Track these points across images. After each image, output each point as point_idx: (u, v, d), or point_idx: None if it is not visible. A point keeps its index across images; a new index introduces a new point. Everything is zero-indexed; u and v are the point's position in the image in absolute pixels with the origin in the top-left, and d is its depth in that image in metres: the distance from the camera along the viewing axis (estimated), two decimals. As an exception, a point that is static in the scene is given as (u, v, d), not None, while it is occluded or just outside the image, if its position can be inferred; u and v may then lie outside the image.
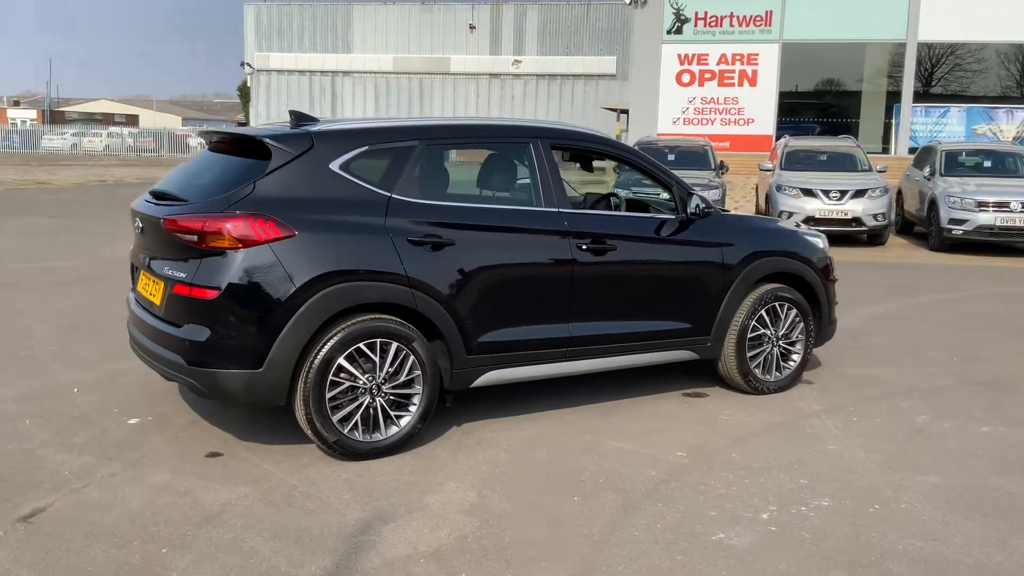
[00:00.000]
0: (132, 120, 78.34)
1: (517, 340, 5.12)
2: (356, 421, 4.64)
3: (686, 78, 26.18)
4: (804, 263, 6.19)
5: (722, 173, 16.32)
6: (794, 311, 6.12)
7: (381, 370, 4.67)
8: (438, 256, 4.82)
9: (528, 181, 5.31)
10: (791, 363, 6.20)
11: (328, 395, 4.55)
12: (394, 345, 4.70)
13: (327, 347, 4.52)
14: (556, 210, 5.23)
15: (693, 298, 5.73)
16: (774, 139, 22.51)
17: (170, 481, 4.40)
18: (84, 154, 52.18)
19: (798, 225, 6.79)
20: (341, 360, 4.56)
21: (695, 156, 16.84)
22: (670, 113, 26.15)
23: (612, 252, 5.37)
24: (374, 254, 4.65)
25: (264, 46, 61.82)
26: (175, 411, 5.42)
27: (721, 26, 25.79)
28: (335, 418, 4.59)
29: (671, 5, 26.21)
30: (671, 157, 16.86)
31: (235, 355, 4.44)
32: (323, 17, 60.77)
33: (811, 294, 6.26)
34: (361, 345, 4.61)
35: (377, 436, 4.72)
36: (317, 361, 4.51)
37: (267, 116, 61.53)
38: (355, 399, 4.64)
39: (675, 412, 5.69)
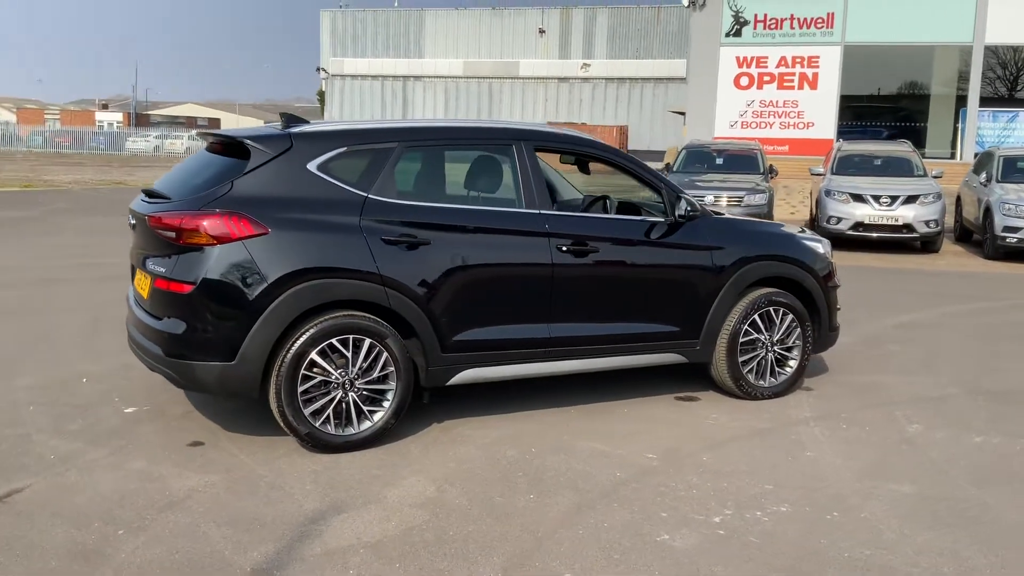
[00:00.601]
0: (214, 123, 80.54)
1: (494, 339, 5.19)
2: (328, 415, 4.78)
3: (744, 81, 25.87)
4: (801, 268, 6.12)
5: (771, 177, 16.09)
6: (790, 316, 6.05)
7: (354, 366, 4.79)
8: (413, 255, 4.92)
9: (511, 183, 5.37)
10: (787, 369, 6.13)
11: (300, 389, 4.69)
12: (367, 341, 4.81)
13: (299, 342, 4.67)
14: (537, 212, 5.29)
15: (680, 301, 5.72)
16: (835, 143, 22.07)
17: (146, 467, 4.59)
18: (165, 156, 53.84)
19: (803, 230, 6.68)
20: (314, 355, 4.70)
21: (744, 160, 16.65)
22: (727, 116, 25.87)
23: (594, 254, 5.40)
24: (347, 252, 4.77)
25: (339, 51, 63.02)
26: (171, 402, 5.62)
27: (781, 28, 25.41)
28: (307, 411, 4.72)
29: (730, 7, 25.95)
30: (719, 160, 16.72)
31: (209, 348, 4.61)
32: (396, 23, 61.64)
33: (809, 299, 6.18)
34: (334, 341, 4.74)
35: (350, 430, 4.84)
36: (289, 355, 4.65)
37: (340, 120, 62.64)
38: (328, 393, 4.77)
39: (660, 415, 5.68)
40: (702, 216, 5.84)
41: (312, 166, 4.85)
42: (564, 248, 5.30)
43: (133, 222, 5.18)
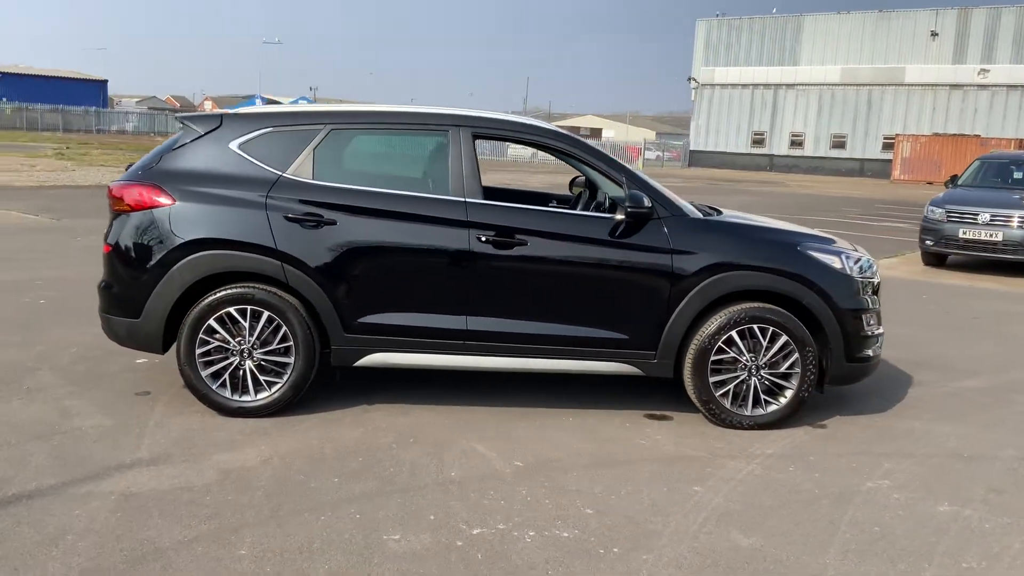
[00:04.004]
0: (595, 133, 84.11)
1: (404, 325, 5.13)
2: (225, 380, 5.06)
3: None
4: (800, 283, 5.23)
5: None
6: (783, 338, 5.21)
7: (251, 336, 5.04)
8: (315, 234, 5.04)
9: (441, 169, 5.26)
10: (781, 400, 5.28)
11: (199, 351, 5.04)
12: (265, 314, 5.03)
13: (198, 307, 5.01)
14: (459, 199, 5.12)
15: (628, 307, 5.19)
16: None
17: (67, 404, 5.20)
18: (540, 162, 57.00)
19: (831, 240, 5.65)
20: (211, 321, 5.02)
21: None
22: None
23: (522, 247, 5.10)
24: (246, 227, 5.02)
25: (711, 60, 62.79)
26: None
27: None
28: (204, 373, 5.05)
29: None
30: (1018, 174, 14.30)
31: (121, 304, 5.14)
32: (773, 29, 59.95)
33: (815, 321, 5.26)
34: (231, 310, 5.02)
35: (246, 398, 5.09)
36: (190, 319, 5.02)
37: (706, 130, 62.40)
38: (226, 359, 5.06)
39: (600, 428, 5.22)
40: (674, 216, 5.24)
41: (234, 144, 5.17)
42: (484, 239, 5.08)
43: None
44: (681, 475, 4.56)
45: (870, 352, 5.43)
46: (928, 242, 13.36)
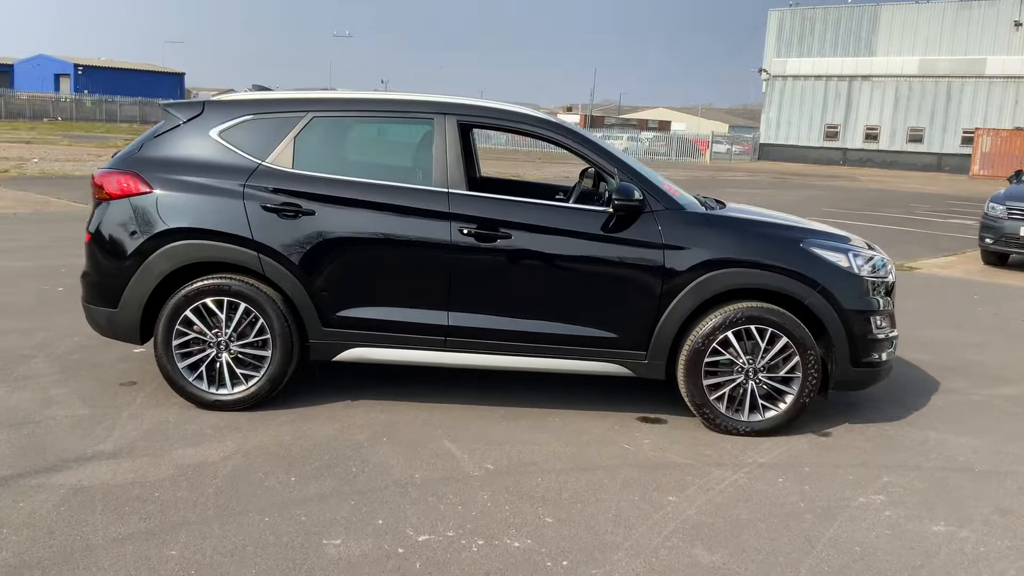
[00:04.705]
0: (664, 126, 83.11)
1: (384, 320, 4.97)
2: (202, 373, 4.97)
3: None
4: (801, 281, 4.91)
5: None
6: (783, 339, 4.90)
7: (228, 328, 4.93)
8: (293, 225, 4.91)
9: (424, 158, 5.07)
10: (780, 405, 4.98)
11: (175, 343, 4.95)
12: (242, 306, 4.92)
13: (175, 298, 4.93)
14: (442, 190, 4.94)
15: (618, 304, 4.94)
16: None
17: (51, 393, 5.18)
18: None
19: (845, 238, 5.30)
20: (188, 312, 4.93)
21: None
22: None
23: (505, 240, 4.89)
24: (223, 216, 4.91)
25: (783, 51, 61.39)
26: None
27: None
28: (181, 365, 4.97)
29: None
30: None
31: (100, 293, 5.08)
32: (848, 19, 58.30)
33: (817, 323, 4.95)
34: (208, 301, 4.92)
35: (222, 391, 4.99)
36: (167, 309, 4.94)
37: (777, 122, 61.13)
38: (203, 351, 4.97)
39: (587, 430, 4.99)
40: (668, 209, 4.97)
41: (214, 132, 5.06)
42: (466, 231, 4.88)
43: None
44: (658, 483, 4.31)
45: (880, 356, 5.08)
46: (987, 240, 12.70)
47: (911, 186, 36.08)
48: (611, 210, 4.90)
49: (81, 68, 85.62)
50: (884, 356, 5.11)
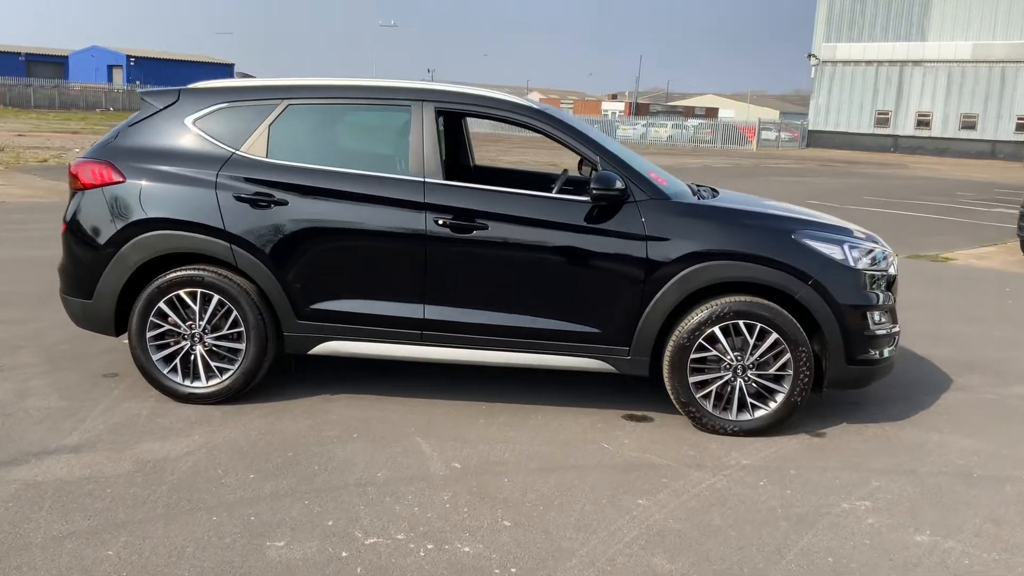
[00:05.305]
0: (711, 113, 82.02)
1: (358, 313, 4.84)
2: (176, 365, 4.90)
3: None
4: (791, 274, 4.68)
5: None
6: (773, 335, 4.67)
7: (201, 320, 4.85)
8: (266, 215, 4.80)
9: (400, 147, 4.93)
10: (770, 404, 4.76)
11: (149, 335, 4.88)
12: (215, 298, 4.83)
13: (148, 290, 4.85)
14: (417, 179, 4.79)
15: (599, 298, 4.75)
16: None
17: (31, 384, 5.14)
18: (648, 143, 56.10)
19: (844, 228, 5.04)
20: (162, 304, 4.85)
21: None
22: None
23: (482, 231, 4.73)
24: (195, 206, 4.82)
25: (833, 36, 60.14)
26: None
27: None
28: (155, 357, 4.90)
29: None
30: None
31: (75, 284, 5.02)
32: (899, 4, 56.89)
33: (809, 318, 4.71)
34: (181, 293, 4.84)
35: (197, 384, 4.91)
36: (140, 301, 4.86)
37: (826, 109, 60.01)
38: (178, 343, 4.89)
39: (565, 428, 4.82)
40: (653, 199, 4.77)
41: (188, 120, 4.97)
42: (442, 222, 4.73)
43: None
44: (631, 486, 4.12)
45: (877, 353, 4.83)
46: (1026, 230, 12.19)
47: (962, 174, 35.09)
48: (591, 199, 4.71)
49: (133, 59, 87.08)
50: (882, 353, 4.86)
